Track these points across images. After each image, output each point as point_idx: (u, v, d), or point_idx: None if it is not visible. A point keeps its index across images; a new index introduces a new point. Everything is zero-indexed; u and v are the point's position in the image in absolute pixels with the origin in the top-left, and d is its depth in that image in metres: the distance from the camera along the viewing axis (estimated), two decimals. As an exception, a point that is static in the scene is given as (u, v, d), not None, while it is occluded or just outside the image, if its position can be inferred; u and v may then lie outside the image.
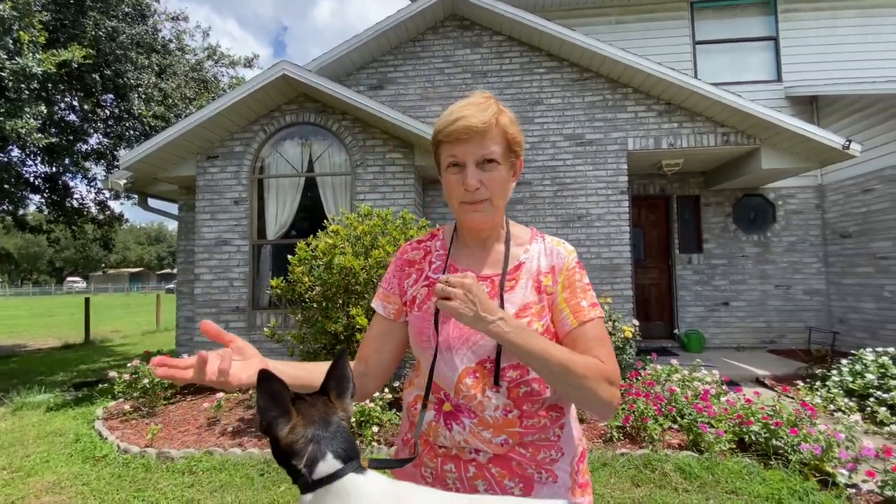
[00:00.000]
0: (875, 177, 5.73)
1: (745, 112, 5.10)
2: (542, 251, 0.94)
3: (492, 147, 0.84)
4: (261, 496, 2.73)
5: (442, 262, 0.95)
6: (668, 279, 6.95)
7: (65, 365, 7.47)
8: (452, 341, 0.86)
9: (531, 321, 0.85)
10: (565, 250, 0.93)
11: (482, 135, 0.83)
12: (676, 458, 3.01)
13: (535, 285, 0.90)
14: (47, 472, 3.20)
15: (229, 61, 9.94)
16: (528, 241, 0.96)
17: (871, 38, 6.71)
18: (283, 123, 5.33)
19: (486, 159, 0.84)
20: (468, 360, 0.85)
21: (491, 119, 0.83)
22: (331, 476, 0.52)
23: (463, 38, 6.06)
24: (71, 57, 5.26)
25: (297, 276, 3.68)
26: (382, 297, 0.99)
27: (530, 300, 0.88)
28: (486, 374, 0.84)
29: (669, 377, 4.07)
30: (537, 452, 0.85)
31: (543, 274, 0.91)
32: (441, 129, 0.86)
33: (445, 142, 0.86)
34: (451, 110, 0.86)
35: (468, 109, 0.84)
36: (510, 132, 0.86)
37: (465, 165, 0.85)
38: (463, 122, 0.82)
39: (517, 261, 0.92)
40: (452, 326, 0.87)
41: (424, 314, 0.91)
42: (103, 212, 8.94)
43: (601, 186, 5.68)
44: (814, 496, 2.52)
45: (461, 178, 0.85)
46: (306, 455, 0.53)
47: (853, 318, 6.09)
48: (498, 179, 0.86)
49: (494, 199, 0.87)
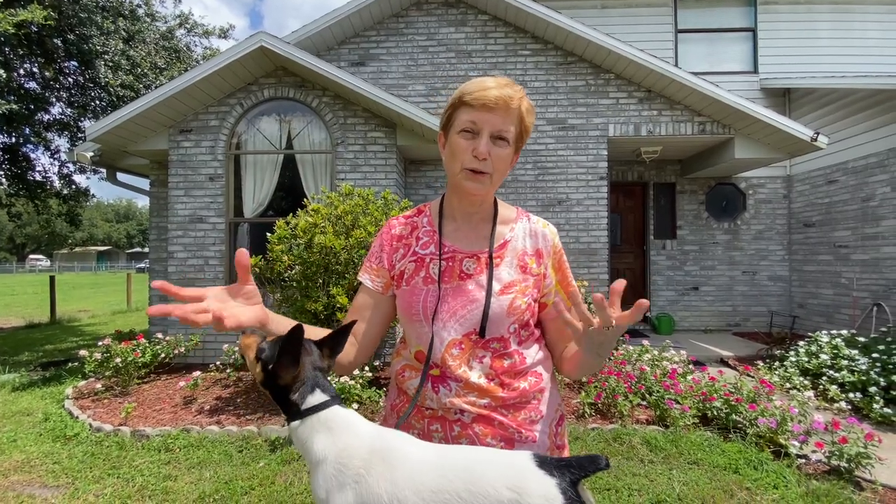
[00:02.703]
0: (839, 169, 5.99)
1: (722, 102, 5.22)
2: (528, 231, 0.97)
3: (509, 126, 0.87)
4: (240, 471, 2.75)
5: (430, 238, 0.97)
6: (643, 264, 7.15)
7: (30, 345, 7.22)
8: (440, 315, 0.90)
9: (515, 297, 0.90)
10: (550, 233, 0.98)
11: (506, 111, 0.86)
12: (644, 432, 3.17)
13: (519, 265, 0.93)
14: (15, 451, 3.12)
15: (203, 31, 9.48)
16: (513, 220, 0.98)
17: (844, 33, 6.91)
18: (261, 98, 5.16)
19: (501, 136, 0.87)
20: (455, 333, 0.89)
21: (517, 99, 0.86)
22: (318, 406, 0.60)
23: (447, 16, 5.95)
24: (31, 18, 4.91)
25: (276, 254, 3.63)
26: (370, 270, 1.00)
27: (515, 278, 0.92)
28: (472, 345, 0.89)
29: (640, 357, 4.23)
30: (518, 414, 0.90)
31: (528, 256, 0.95)
32: (471, 92, 0.86)
33: (469, 105, 0.86)
34: (483, 80, 0.87)
35: (499, 83, 0.86)
36: (526, 120, 0.90)
37: (479, 134, 0.86)
38: (495, 93, 0.84)
39: (502, 239, 0.96)
40: (440, 301, 0.90)
41: (413, 289, 0.93)
42: (68, 186, 8.53)
43: (581, 172, 5.76)
44: (768, 465, 2.70)
45: (472, 145, 0.86)
46: (300, 390, 0.61)
47: (812, 303, 6.43)
48: (504, 158, 0.89)
49: (495, 175, 0.89)
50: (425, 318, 0.90)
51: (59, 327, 9.42)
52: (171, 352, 4.66)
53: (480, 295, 0.90)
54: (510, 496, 0.50)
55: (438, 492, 0.52)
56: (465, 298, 0.90)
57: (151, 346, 4.51)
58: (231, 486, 2.57)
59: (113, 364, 4.15)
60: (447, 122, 0.92)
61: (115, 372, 4.19)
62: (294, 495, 2.48)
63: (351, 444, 0.56)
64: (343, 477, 0.54)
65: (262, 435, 3.21)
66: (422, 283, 0.92)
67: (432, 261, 0.94)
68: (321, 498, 0.55)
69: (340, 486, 0.54)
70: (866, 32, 6.92)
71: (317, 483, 0.56)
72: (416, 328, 0.93)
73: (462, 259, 0.93)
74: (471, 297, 0.90)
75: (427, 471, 0.54)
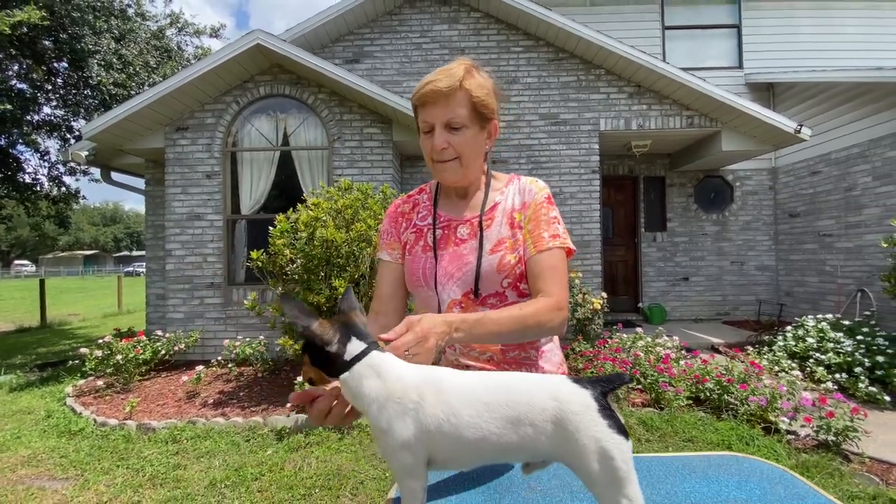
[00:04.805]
0: (822, 160, 6.17)
1: (709, 96, 5.36)
2: (517, 190, 1.03)
3: (457, 110, 0.90)
4: (248, 459, 2.80)
5: (428, 211, 1.06)
6: (634, 256, 7.29)
7: (22, 348, 7.15)
8: (440, 278, 0.98)
9: (504, 254, 0.96)
10: (537, 187, 1.01)
11: (447, 97, 0.89)
12: (640, 413, 3.27)
13: (508, 222, 0.99)
14: (20, 447, 3.14)
15: (194, 30, 9.44)
16: (504, 185, 1.05)
17: (825, 28, 7.12)
18: (257, 95, 5.19)
19: (451, 124, 0.91)
20: (454, 294, 0.98)
21: (454, 83, 0.89)
22: (360, 354, 0.64)
23: (440, 13, 6.03)
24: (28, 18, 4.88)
25: (277, 248, 3.67)
26: (386, 246, 1.09)
27: (504, 235, 0.98)
28: (471, 304, 0.97)
29: (634, 344, 4.35)
30: (519, 368, 1.00)
31: (517, 211, 1.00)
32: (415, 93, 0.94)
33: (419, 106, 0.94)
34: (425, 77, 0.93)
35: (438, 75, 0.91)
36: (476, 95, 0.91)
37: (433, 129, 0.92)
38: (430, 87, 0.90)
39: (493, 202, 1.02)
40: (439, 266, 0.99)
41: (414, 257, 1.03)
42: (58, 187, 8.44)
43: (574, 166, 5.87)
44: (759, 441, 2.82)
45: (431, 141, 0.93)
46: (337, 340, 0.64)
47: (798, 290, 6.62)
48: (466, 141, 0.93)
49: (463, 158, 0.94)
50: (426, 283, 0.99)
51: (49, 331, 9.32)
52: (171, 348, 4.67)
53: (473, 257, 0.97)
54: (553, 405, 0.58)
55: (489, 403, 0.59)
56: (459, 262, 0.98)
57: (152, 343, 4.53)
58: (241, 473, 2.62)
59: (114, 361, 4.17)
60: (418, 129, 0.99)
61: (116, 369, 4.20)
62: (304, 479, 2.54)
63: (402, 379, 0.63)
64: (401, 408, 0.60)
65: (267, 425, 3.26)
66: (421, 251, 1.02)
67: (429, 230, 1.03)
68: (383, 429, 0.61)
69: (400, 415, 0.60)
70: (846, 28, 7.13)
71: (377, 418, 0.61)
72: (420, 293, 1.02)
73: (456, 226, 1.01)
74: (465, 260, 0.97)
75: (475, 390, 0.61)
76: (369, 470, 2.63)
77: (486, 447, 0.59)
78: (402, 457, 0.60)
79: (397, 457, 0.61)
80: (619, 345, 4.41)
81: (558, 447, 0.58)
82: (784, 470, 0.89)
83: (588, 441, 0.55)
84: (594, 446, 0.55)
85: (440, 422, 0.59)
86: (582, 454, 0.56)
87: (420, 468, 0.61)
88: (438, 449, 0.61)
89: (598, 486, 0.56)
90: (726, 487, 0.81)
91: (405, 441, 0.60)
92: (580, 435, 0.56)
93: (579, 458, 0.56)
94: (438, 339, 0.74)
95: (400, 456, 0.60)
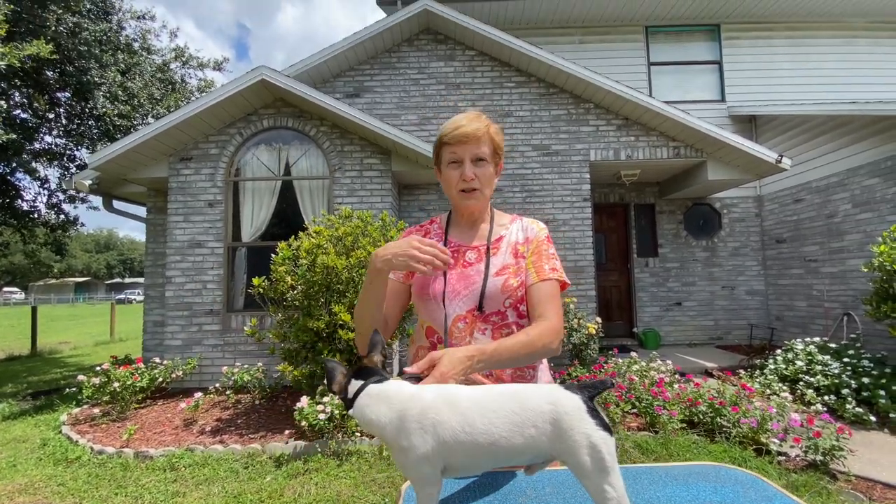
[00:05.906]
0: (804, 188, 6.43)
1: (693, 128, 5.63)
2: (521, 228, 1.20)
3: (483, 148, 1.11)
4: (247, 486, 2.80)
5: (439, 237, 1.21)
6: (628, 281, 7.43)
7: (13, 377, 7.05)
8: (448, 294, 1.11)
9: (508, 278, 1.11)
10: (538, 227, 1.20)
11: (477, 139, 1.10)
12: (635, 437, 3.32)
13: (512, 251, 1.15)
14: (17, 475, 3.12)
15: (198, 63, 9.79)
16: (509, 222, 1.23)
17: (802, 62, 7.54)
18: (261, 127, 5.39)
19: (479, 158, 1.11)
20: (459, 309, 1.10)
21: (483, 128, 1.11)
22: (357, 392, 0.75)
23: (437, 51, 6.34)
24: (37, 52, 5.10)
25: (279, 274, 3.76)
26: None
27: (509, 262, 1.14)
28: (475, 319, 1.10)
29: (629, 368, 4.42)
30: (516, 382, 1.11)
31: (520, 244, 1.16)
32: (447, 133, 1.12)
33: (449, 144, 1.12)
34: (455, 120, 1.13)
35: (466, 121, 1.11)
36: (496, 139, 1.14)
37: (462, 162, 1.11)
38: (463, 129, 1.10)
39: (499, 234, 1.18)
40: (446, 282, 1.12)
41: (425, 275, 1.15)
42: (57, 215, 8.52)
43: (566, 194, 6.07)
44: (751, 462, 2.88)
45: (460, 172, 1.12)
46: (343, 387, 0.78)
47: (788, 315, 6.75)
48: (486, 174, 1.13)
49: (483, 189, 1.14)
50: (435, 298, 1.12)
51: (40, 359, 9.19)
52: (168, 376, 4.67)
53: (479, 278, 1.11)
54: (550, 408, 0.68)
55: (497, 411, 0.69)
56: (467, 281, 1.12)
57: (149, 371, 4.53)
58: (240, 500, 2.63)
59: (110, 389, 4.16)
60: (437, 160, 1.18)
61: (113, 397, 4.19)
62: (304, 505, 2.55)
63: (414, 398, 0.72)
64: (420, 426, 0.69)
65: (266, 452, 3.27)
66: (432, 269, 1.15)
67: None
68: (403, 447, 0.69)
69: (419, 432, 0.69)
70: (823, 62, 7.54)
71: (395, 438, 0.70)
72: (429, 305, 1.13)
73: (465, 251, 1.16)
74: (472, 280, 1.11)
75: (484, 400, 0.71)
76: (369, 496, 2.65)
77: (497, 451, 0.69)
78: (422, 469, 0.70)
79: (417, 469, 0.70)
80: (615, 369, 4.48)
81: (556, 445, 0.67)
82: (756, 476, 0.98)
83: (579, 437, 0.66)
84: (585, 441, 0.65)
85: (457, 433, 0.69)
86: (575, 448, 0.66)
87: (437, 476, 0.71)
88: (455, 457, 0.70)
89: (587, 475, 0.65)
90: (703, 492, 0.90)
91: (425, 455, 0.69)
92: (573, 432, 0.66)
93: (572, 452, 0.66)
94: (457, 377, 0.85)
95: (420, 468, 0.70)
